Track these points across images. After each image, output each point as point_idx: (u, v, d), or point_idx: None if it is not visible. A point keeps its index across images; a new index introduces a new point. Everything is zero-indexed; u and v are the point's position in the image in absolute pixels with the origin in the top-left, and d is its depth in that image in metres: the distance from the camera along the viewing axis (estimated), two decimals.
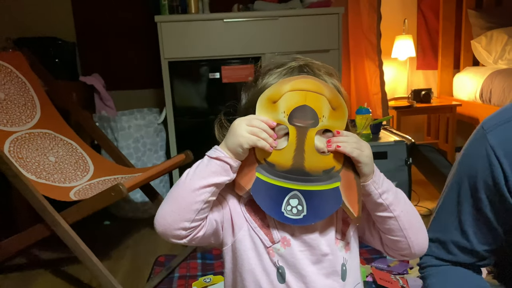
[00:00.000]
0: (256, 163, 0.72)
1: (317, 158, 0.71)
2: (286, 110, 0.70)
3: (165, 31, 2.44)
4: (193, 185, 0.70)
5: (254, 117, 0.72)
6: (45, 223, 1.60)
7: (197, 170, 0.71)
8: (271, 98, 0.71)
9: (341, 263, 0.75)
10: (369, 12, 2.89)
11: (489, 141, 0.79)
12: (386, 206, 0.73)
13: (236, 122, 0.71)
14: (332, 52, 2.56)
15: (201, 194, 0.70)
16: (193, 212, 0.70)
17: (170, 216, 0.70)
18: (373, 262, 1.80)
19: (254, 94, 0.76)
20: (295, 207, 0.71)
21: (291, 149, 0.70)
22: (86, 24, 2.91)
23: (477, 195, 0.82)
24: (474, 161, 0.82)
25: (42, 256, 2.05)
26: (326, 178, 0.71)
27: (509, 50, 3.02)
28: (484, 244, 0.85)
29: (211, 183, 0.70)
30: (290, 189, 0.71)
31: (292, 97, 0.70)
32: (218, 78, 2.52)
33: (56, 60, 2.65)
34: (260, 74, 0.78)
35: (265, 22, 2.51)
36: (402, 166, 2.06)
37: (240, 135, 0.69)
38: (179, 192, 0.71)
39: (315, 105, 0.70)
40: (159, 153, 2.59)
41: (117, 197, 1.55)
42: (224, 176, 0.71)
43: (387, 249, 0.79)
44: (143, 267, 1.90)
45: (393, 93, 3.40)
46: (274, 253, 0.74)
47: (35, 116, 2.00)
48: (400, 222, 0.74)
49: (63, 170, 1.91)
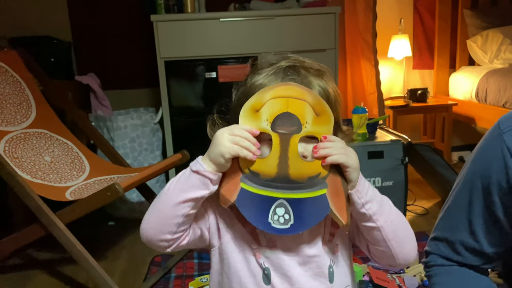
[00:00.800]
0: (240, 173, 0.71)
1: (301, 165, 0.70)
2: (268, 118, 0.70)
3: (161, 30, 2.44)
4: (173, 199, 0.70)
5: (236, 126, 0.71)
6: (40, 223, 1.59)
7: (178, 183, 0.71)
8: (254, 107, 0.70)
9: (328, 264, 0.75)
10: (365, 12, 2.89)
11: (506, 142, 0.77)
12: (369, 216, 0.71)
13: (219, 133, 0.70)
14: (329, 51, 2.56)
15: (181, 209, 0.70)
16: (174, 225, 0.71)
17: (152, 228, 0.72)
18: (369, 261, 1.80)
19: (242, 93, 0.75)
20: (282, 216, 0.69)
21: (275, 156, 0.69)
22: (82, 23, 2.90)
23: (490, 197, 0.80)
24: (489, 162, 0.80)
25: (38, 256, 2.04)
26: (311, 185, 0.70)
27: (504, 49, 3.03)
28: (493, 246, 0.83)
29: (190, 198, 0.70)
30: (276, 198, 0.70)
31: (274, 105, 0.69)
32: (215, 78, 2.52)
33: (52, 60, 2.64)
34: (249, 73, 0.78)
35: (262, 22, 2.51)
36: (399, 165, 2.06)
37: (222, 144, 0.68)
38: (160, 205, 0.72)
39: (298, 111, 0.69)
40: (155, 153, 2.59)
41: (113, 197, 1.55)
42: (203, 190, 0.70)
43: (374, 257, 0.77)
44: (140, 267, 1.90)
45: (389, 92, 3.41)
46: (260, 255, 0.74)
47: (30, 116, 1.99)
48: (384, 232, 0.71)
49: (58, 170, 1.90)
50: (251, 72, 0.77)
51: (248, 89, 0.74)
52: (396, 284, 1.58)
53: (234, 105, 0.77)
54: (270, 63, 0.76)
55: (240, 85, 0.78)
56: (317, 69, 0.76)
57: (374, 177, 2.04)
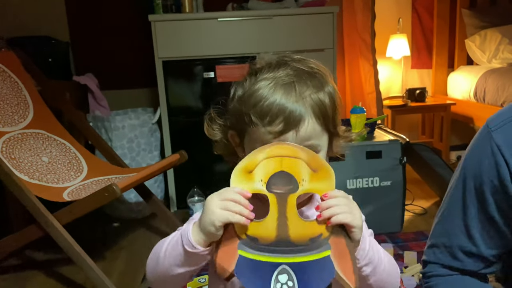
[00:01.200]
0: (237, 240, 0.67)
1: (302, 225, 0.66)
2: (263, 178, 0.67)
3: (159, 30, 2.43)
4: (172, 271, 0.71)
5: (227, 189, 0.67)
6: (38, 224, 1.59)
7: (173, 256, 0.70)
8: (247, 168, 0.67)
9: None
10: (363, 11, 2.89)
11: (495, 140, 0.77)
12: (363, 276, 0.71)
13: (209, 199, 0.67)
14: (327, 51, 2.56)
15: (183, 278, 0.72)
16: (175, 285, 0.75)
17: (155, 284, 0.76)
18: None
19: (241, 95, 0.74)
20: (285, 283, 0.65)
21: (273, 218, 0.66)
22: (80, 23, 2.89)
23: (483, 197, 0.80)
24: (479, 161, 0.80)
25: (36, 257, 2.04)
26: (314, 247, 0.66)
27: (502, 49, 3.03)
28: (491, 248, 0.82)
29: (188, 270, 0.71)
30: (277, 263, 0.65)
31: (268, 165, 0.67)
32: (213, 78, 2.51)
33: (50, 60, 2.63)
34: (249, 74, 0.76)
35: (260, 21, 2.51)
36: (397, 165, 2.06)
37: (212, 212, 0.65)
38: (161, 273, 0.73)
39: (292, 170, 0.67)
40: (153, 153, 2.58)
41: (111, 198, 1.54)
42: (202, 262, 0.71)
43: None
44: (138, 267, 1.89)
45: (388, 92, 3.41)
46: None
47: (27, 116, 1.98)
48: (378, 273, 0.72)
49: (56, 170, 1.89)
50: (251, 74, 0.75)
51: (247, 96, 0.72)
52: None
53: (233, 106, 0.76)
54: (269, 67, 0.74)
55: (239, 85, 0.76)
56: (317, 77, 0.73)
57: (372, 177, 2.04)
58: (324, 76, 0.75)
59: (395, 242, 2.00)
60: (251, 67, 0.77)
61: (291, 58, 0.76)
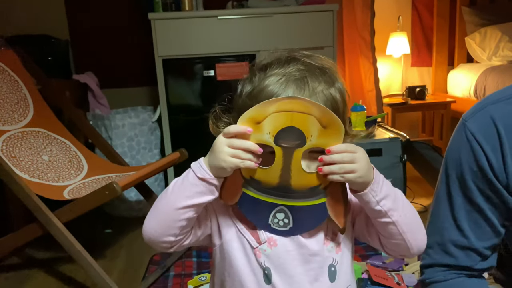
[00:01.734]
0: (242, 179, 0.72)
1: (304, 177, 0.70)
2: (271, 131, 0.68)
3: (158, 28, 2.43)
4: (177, 203, 0.70)
5: (234, 128, 0.69)
6: (38, 222, 1.59)
7: (182, 187, 0.70)
8: (254, 118, 0.68)
9: (329, 263, 0.75)
10: (363, 9, 2.89)
11: (469, 129, 0.80)
12: (384, 213, 0.70)
13: (217, 142, 0.69)
14: (327, 49, 2.56)
15: (185, 213, 0.70)
16: (177, 229, 0.71)
17: (155, 231, 0.72)
18: (368, 259, 1.80)
19: (250, 91, 0.73)
20: (281, 220, 0.72)
21: (277, 168, 0.69)
22: (79, 22, 2.89)
23: (466, 185, 0.82)
24: (457, 151, 0.83)
25: (36, 255, 2.04)
26: (312, 195, 0.71)
27: (502, 46, 3.03)
28: (482, 240, 0.83)
29: (195, 203, 0.70)
30: (276, 204, 0.72)
31: (277, 118, 0.68)
32: (213, 76, 2.51)
33: (49, 58, 2.63)
34: (258, 69, 0.75)
35: (260, 19, 2.51)
36: (397, 163, 2.07)
37: (222, 159, 0.68)
38: (164, 208, 0.71)
39: (302, 125, 0.68)
40: (153, 152, 2.58)
41: (111, 196, 1.54)
42: (209, 195, 0.71)
43: (387, 250, 0.77)
44: (138, 266, 1.89)
45: (388, 90, 3.41)
46: (260, 254, 0.73)
47: (28, 115, 1.98)
48: (399, 226, 0.71)
49: (56, 169, 1.89)
50: (260, 69, 0.74)
51: (257, 89, 0.72)
52: (395, 281, 1.58)
53: (241, 102, 0.75)
54: (278, 62, 0.73)
55: (247, 81, 0.76)
56: (327, 73, 0.73)
57: None
58: (334, 72, 0.75)
59: None
60: (258, 63, 0.76)
61: (301, 53, 0.76)
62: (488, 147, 0.78)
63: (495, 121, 0.78)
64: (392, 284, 1.56)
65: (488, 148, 0.78)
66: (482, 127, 0.79)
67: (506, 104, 0.79)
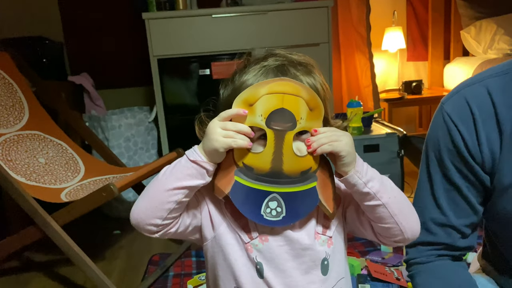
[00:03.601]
0: (234, 167, 0.72)
1: (295, 161, 0.70)
2: (263, 113, 0.69)
3: (153, 28, 2.42)
4: (167, 185, 0.70)
5: (227, 113, 0.70)
6: (36, 225, 1.58)
7: (174, 170, 0.71)
8: (247, 100, 0.69)
9: (322, 257, 0.75)
10: (358, 5, 2.88)
11: (446, 110, 0.85)
12: (373, 195, 0.71)
13: (211, 125, 0.71)
14: (322, 45, 2.55)
15: (174, 195, 0.70)
16: (164, 211, 0.71)
17: (143, 212, 0.72)
18: (367, 255, 1.80)
19: (231, 92, 0.75)
20: (274, 209, 0.72)
21: (269, 152, 0.70)
22: (74, 23, 2.88)
23: (443, 164, 0.85)
24: (436, 132, 0.87)
25: (35, 258, 2.04)
26: (303, 179, 0.72)
27: (498, 39, 3.03)
28: (460, 217, 0.86)
29: (185, 186, 0.70)
30: (269, 192, 0.71)
31: (269, 100, 0.69)
32: (208, 75, 2.51)
33: (44, 60, 2.62)
34: (237, 69, 0.77)
35: (254, 17, 2.50)
36: (395, 158, 2.07)
37: (215, 139, 0.69)
38: (153, 190, 0.72)
39: (293, 107, 0.69)
40: (150, 152, 2.58)
41: (109, 197, 1.54)
42: (199, 179, 0.71)
43: (380, 238, 0.77)
44: (138, 266, 1.89)
45: (384, 85, 3.41)
46: (252, 249, 0.74)
47: (23, 118, 1.97)
48: (389, 208, 0.72)
49: (53, 171, 1.89)
50: (239, 70, 0.76)
51: (236, 88, 0.73)
52: (394, 277, 1.58)
53: (223, 103, 0.76)
54: (256, 60, 0.75)
55: (227, 82, 0.77)
56: (305, 65, 0.75)
57: None
58: (313, 68, 0.76)
59: None
60: (237, 66, 0.78)
61: (278, 50, 0.77)
62: (463, 127, 0.82)
63: (469, 103, 0.82)
64: (391, 279, 1.56)
65: (463, 128, 0.82)
66: (457, 108, 0.83)
67: (479, 86, 0.82)
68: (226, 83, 0.78)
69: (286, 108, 0.69)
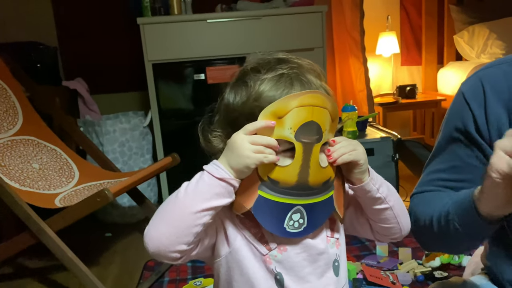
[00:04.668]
0: (258, 181, 0.70)
1: (320, 172, 0.70)
2: (293, 127, 0.67)
3: (148, 33, 2.42)
4: (194, 206, 0.65)
5: (254, 125, 0.68)
6: (30, 231, 1.58)
7: (198, 190, 0.66)
8: (276, 113, 0.67)
9: (333, 259, 0.77)
10: (352, 10, 2.90)
11: (461, 89, 0.88)
12: (383, 199, 0.75)
13: (238, 141, 0.67)
14: (317, 50, 2.56)
15: (203, 217, 0.66)
16: (191, 236, 0.66)
17: (166, 238, 0.66)
18: (363, 259, 1.81)
19: (246, 99, 0.72)
20: (297, 221, 0.71)
21: (296, 165, 0.68)
22: (68, 28, 2.87)
23: (453, 137, 0.88)
24: (450, 109, 0.91)
25: (29, 264, 2.02)
26: (324, 189, 0.72)
27: (491, 44, 3.06)
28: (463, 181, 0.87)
29: (214, 206, 0.66)
30: (293, 204, 0.71)
31: (299, 113, 0.67)
32: (203, 79, 2.51)
33: (38, 65, 2.61)
34: (248, 74, 0.73)
35: (249, 22, 2.51)
36: (389, 162, 2.07)
37: (247, 156, 0.66)
38: (176, 212, 0.66)
39: (320, 120, 0.69)
40: (145, 157, 2.57)
41: (103, 203, 1.53)
42: (227, 198, 0.67)
43: (378, 236, 0.81)
44: (133, 272, 1.88)
45: (379, 89, 3.43)
46: (271, 260, 0.73)
47: (17, 123, 1.96)
48: (395, 210, 0.77)
49: (47, 177, 1.88)
50: (252, 76, 0.72)
51: (254, 97, 0.70)
52: (390, 280, 1.58)
53: (236, 109, 0.73)
54: (268, 66, 0.72)
55: (238, 87, 0.74)
56: (314, 70, 0.74)
57: None
58: (321, 72, 0.77)
59: None
60: (245, 69, 0.75)
61: (283, 54, 0.76)
62: (474, 104, 0.84)
63: (483, 82, 0.85)
64: (387, 283, 1.56)
65: (474, 105, 0.84)
66: (471, 87, 0.87)
67: (495, 69, 0.86)
68: (236, 88, 0.74)
69: (314, 121, 0.68)
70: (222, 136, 0.75)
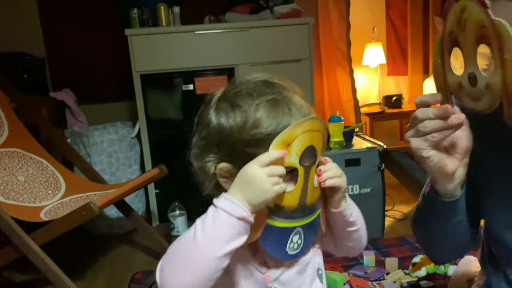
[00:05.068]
0: (266, 210, 0.69)
1: (314, 192, 0.73)
2: (298, 152, 0.69)
3: (136, 44, 2.42)
4: (217, 252, 0.62)
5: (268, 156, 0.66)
6: (14, 245, 1.56)
7: (217, 232, 0.63)
8: (286, 142, 0.68)
9: (317, 267, 0.80)
10: (338, 21, 2.94)
11: None
12: (353, 222, 0.79)
13: (257, 176, 0.64)
14: (304, 61, 2.59)
15: (226, 260, 0.63)
16: (214, 280, 0.63)
17: (190, 286, 0.63)
18: (350, 269, 1.81)
19: (242, 125, 0.69)
20: (296, 242, 0.73)
21: (298, 189, 0.71)
22: (56, 38, 2.86)
23: None
24: None
25: (14, 278, 1.99)
26: (316, 208, 0.76)
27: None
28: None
29: (235, 248, 0.63)
30: (294, 227, 0.73)
31: (303, 140, 0.69)
32: (192, 90, 2.52)
33: (25, 76, 2.60)
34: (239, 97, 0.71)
35: (237, 34, 2.53)
36: (376, 172, 2.09)
37: (267, 190, 0.64)
38: (198, 259, 0.62)
39: (317, 143, 0.72)
40: (133, 167, 2.56)
41: (89, 216, 1.52)
42: (245, 235, 0.65)
43: (340, 252, 0.86)
44: (120, 285, 1.87)
45: (365, 99, 3.47)
46: (270, 278, 0.74)
47: (2, 135, 1.95)
48: (361, 231, 0.82)
49: (33, 189, 1.86)
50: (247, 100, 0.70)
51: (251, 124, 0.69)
52: None
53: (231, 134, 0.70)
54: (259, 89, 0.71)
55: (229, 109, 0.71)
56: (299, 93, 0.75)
57: (352, 185, 2.06)
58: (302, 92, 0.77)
59: (376, 248, 2.01)
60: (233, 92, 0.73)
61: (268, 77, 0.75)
62: None
63: None
64: None
65: None
66: None
67: None
68: (226, 111, 0.71)
69: (313, 145, 0.71)
70: (215, 161, 0.73)
